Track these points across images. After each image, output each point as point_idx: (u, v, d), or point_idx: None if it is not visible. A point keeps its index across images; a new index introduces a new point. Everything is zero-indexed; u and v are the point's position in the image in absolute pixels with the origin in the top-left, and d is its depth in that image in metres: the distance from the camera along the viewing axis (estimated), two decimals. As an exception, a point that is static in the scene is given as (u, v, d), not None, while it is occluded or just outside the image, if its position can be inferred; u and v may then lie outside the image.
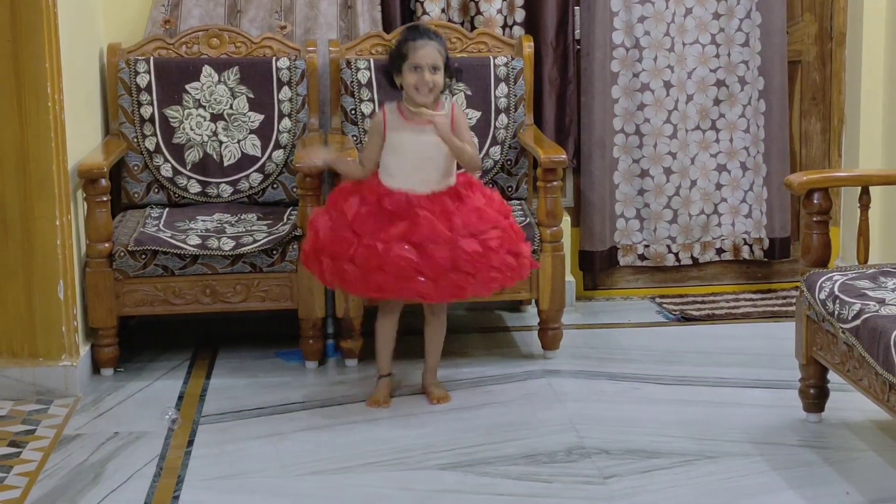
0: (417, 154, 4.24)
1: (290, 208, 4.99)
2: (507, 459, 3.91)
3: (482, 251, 4.17)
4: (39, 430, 4.12)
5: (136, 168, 5.03)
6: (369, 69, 5.09)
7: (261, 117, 5.09)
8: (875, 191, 4.25)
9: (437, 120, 4.20)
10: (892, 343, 3.42)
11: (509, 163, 5.17)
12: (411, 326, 4.63)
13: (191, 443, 4.05)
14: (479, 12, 5.30)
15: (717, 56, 5.53)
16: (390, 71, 4.31)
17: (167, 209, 5.00)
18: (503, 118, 5.16)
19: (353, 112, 5.10)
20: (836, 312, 3.75)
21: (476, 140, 5.10)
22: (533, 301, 4.95)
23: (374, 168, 4.30)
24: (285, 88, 5.10)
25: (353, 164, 4.40)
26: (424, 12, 5.25)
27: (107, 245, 4.58)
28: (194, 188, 5.05)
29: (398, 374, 4.57)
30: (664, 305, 5.54)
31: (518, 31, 5.35)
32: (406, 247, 4.12)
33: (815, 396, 4.13)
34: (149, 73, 5.03)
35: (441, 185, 4.26)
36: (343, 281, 4.24)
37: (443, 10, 5.28)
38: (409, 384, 4.55)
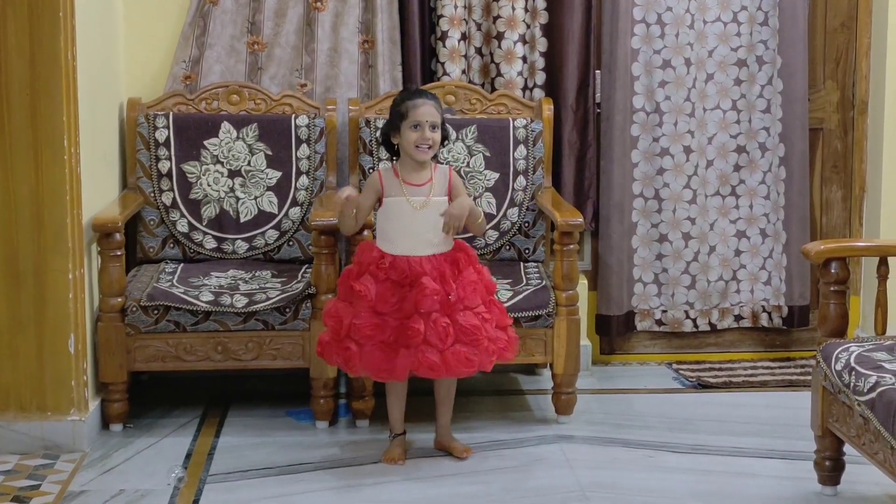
0: (417, 217, 4.27)
1: (305, 266, 4.97)
2: (515, 526, 3.86)
3: (478, 323, 4.24)
4: (44, 486, 4.09)
5: (152, 223, 5.02)
6: (388, 128, 5.09)
7: (278, 174, 5.08)
8: (894, 261, 4.20)
9: (451, 211, 4.26)
10: (908, 417, 3.36)
11: (527, 225, 5.14)
12: (418, 387, 4.58)
13: (196, 502, 4.00)
14: (499, 74, 5.30)
15: (738, 122, 5.51)
16: (388, 132, 4.35)
17: (182, 264, 4.98)
18: (521, 180, 5.14)
19: (370, 171, 5.09)
20: (852, 384, 3.69)
21: (493, 201, 5.09)
22: (548, 365, 4.91)
23: (360, 227, 4.40)
24: (304, 146, 5.10)
25: (351, 216, 4.35)
26: (445, 73, 5.25)
27: (119, 300, 4.56)
28: (210, 244, 5.04)
29: (408, 436, 4.52)
30: (681, 372, 5.49)
31: (538, 93, 5.35)
32: (414, 316, 4.18)
33: (831, 469, 4.06)
34: (167, 128, 5.04)
35: (441, 246, 4.30)
36: (369, 366, 4.23)
37: (463, 72, 5.28)
38: (418, 446, 4.50)
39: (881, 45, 5.52)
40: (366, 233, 4.60)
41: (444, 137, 4.40)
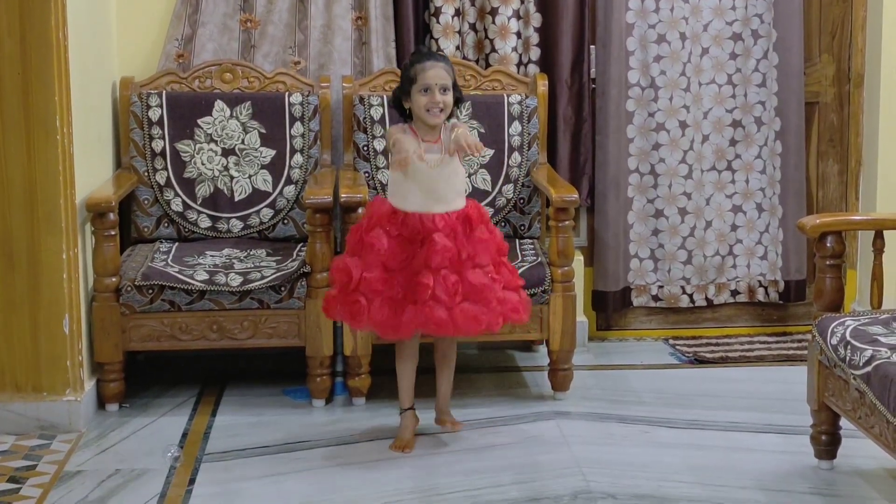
0: (433, 175, 4.21)
1: (300, 244, 4.96)
2: (511, 503, 3.85)
3: (487, 282, 4.16)
4: (41, 466, 4.09)
5: (146, 202, 5.01)
6: (382, 105, 5.07)
7: (272, 152, 5.07)
8: (890, 235, 4.19)
9: (462, 139, 4.17)
10: (903, 391, 3.36)
11: (522, 201, 5.13)
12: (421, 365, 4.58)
13: (192, 481, 4.00)
14: (493, 50, 5.28)
15: (734, 96, 5.49)
16: (399, 97, 4.29)
17: (177, 244, 4.97)
18: (516, 156, 5.12)
19: (365, 148, 5.07)
20: (848, 358, 3.69)
21: (489, 177, 5.09)
22: (544, 341, 4.90)
23: None
24: (298, 124, 5.08)
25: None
26: (439, 49, 5.23)
27: (114, 279, 4.55)
28: (204, 223, 5.03)
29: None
30: (677, 347, 5.48)
31: (533, 69, 5.33)
32: (423, 272, 4.11)
33: (827, 443, 4.06)
34: (161, 106, 5.02)
35: (454, 204, 4.23)
36: (376, 321, 4.17)
37: (457, 48, 5.26)
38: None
39: (877, 18, 5.50)
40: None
41: (458, 99, 4.31)
